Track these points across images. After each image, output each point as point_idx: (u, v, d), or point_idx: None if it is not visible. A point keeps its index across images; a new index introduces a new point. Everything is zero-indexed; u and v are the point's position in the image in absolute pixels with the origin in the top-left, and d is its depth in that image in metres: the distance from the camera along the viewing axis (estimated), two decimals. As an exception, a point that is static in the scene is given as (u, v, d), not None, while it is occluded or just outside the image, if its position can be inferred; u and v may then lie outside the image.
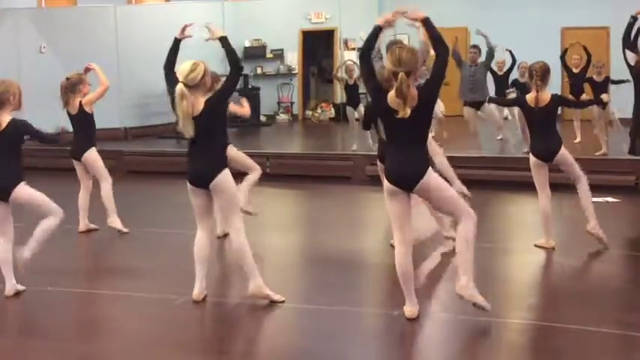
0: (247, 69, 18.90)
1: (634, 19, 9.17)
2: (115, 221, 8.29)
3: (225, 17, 18.91)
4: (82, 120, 8.17)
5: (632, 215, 9.15)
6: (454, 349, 5.19)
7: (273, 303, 5.77)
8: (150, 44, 16.26)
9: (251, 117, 10.66)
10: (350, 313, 5.61)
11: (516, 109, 11.43)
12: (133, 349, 5.16)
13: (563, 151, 7.08)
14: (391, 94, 5.17)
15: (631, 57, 9.53)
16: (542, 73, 7.02)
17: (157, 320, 5.71)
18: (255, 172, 8.15)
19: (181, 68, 5.71)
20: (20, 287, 6.14)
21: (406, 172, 5.20)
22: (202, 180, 5.70)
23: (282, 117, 18.59)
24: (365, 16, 18.14)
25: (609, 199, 9.13)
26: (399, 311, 5.47)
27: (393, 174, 5.24)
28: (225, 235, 7.71)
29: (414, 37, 9.54)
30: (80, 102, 8.12)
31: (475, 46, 12.66)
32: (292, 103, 19.01)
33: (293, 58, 18.97)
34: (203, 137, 5.65)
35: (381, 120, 5.37)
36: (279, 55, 19.01)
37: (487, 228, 7.74)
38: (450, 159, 8.25)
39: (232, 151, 7.66)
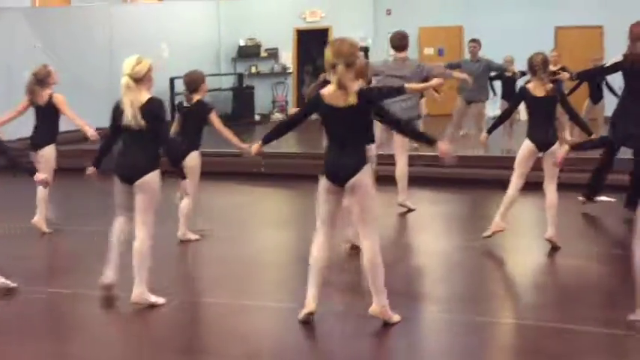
0: (242, 68, 18.91)
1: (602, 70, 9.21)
2: (40, 222, 8.24)
3: (220, 16, 18.93)
4: (49, 113, 8.11)
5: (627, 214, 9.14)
6: (446, 348, 5.19)
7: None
8: (144, 43, 16.24)
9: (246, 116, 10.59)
10: (343, 313, 5.59)
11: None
12: (115, 352, 5.15)
13: (557, 147, 7.11)
14: (327, 89, 5.19)
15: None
16: (543, 64, 7.13)
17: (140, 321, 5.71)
18: (189, 202, 7.63)
19: (126, 61, 5.72)
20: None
21: (343, 166, 5.17)
22: (131, 174, 5.69)
23: (277, 116, 18.57)
24: (359, 15, 18.18)
25: (604, 198, 9.13)
26: (396, 311, 5.47)
27: (330, 168, 5.23)
28: (186, 241, 7.75)
29: (408, 35, 9.57)
30: (51, 95, 8.09)
31: (475, 40, 12.54)
32: (287, 102, 19.00)
33: (287, 57, 18.96)
34: (137, 132, 5.64)
35: (322, 120, 5.33)
36: (273, 54, 18.99)
37: (478, 227, 7.75)
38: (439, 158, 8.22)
39: (193, 162, 7.54)
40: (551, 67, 13.59)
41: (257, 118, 18.39)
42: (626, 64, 8.22)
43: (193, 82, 7.72)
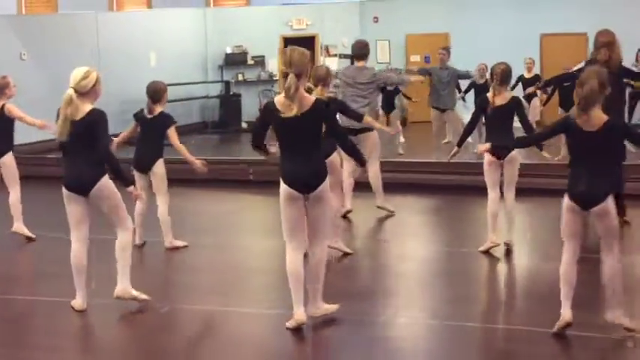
0: (229, 75, 18.92)
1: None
2: (20, 227, 8.25)
3: (207, 24, 18.94)
4: (2, 123, 8.08)
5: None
6: (432, 353, 5.22)
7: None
8: (131, 51, 16.27)
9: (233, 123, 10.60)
10: (335, 320, 5.61)
11: None
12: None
13: (516, 153, 7.15)
14: (280, 97, 5.25)
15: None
16: (502, 75, 7.20)
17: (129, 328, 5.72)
18: (166, 209, 7.70)
19: (74, 74, 5.68)
20: None
21: (303, 174, 5.24)
22: (82, 186, 5.68)
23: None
24: (346, 23, 18.22)
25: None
26: (384, 317, 5.50)
27: (290, 177, 5.29)
28: (144, 244, 7.75)
29: (395, 42, 9.64)
30: (3, 105, 8.06)
31: (445, 48, 12.76)
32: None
33: (274, 65, 18.98)
34: (79, 143, 5.62)
35: (273, 126, 5.37)
36: (260, 61, 19.00)
37: (463, 233, 7.79)
38: (425, 164, 8.28)
39: (160, 169, 7.64)
40: (525, 75, 13.84)
41: (244, 125, 18.38)
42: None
43: (156, 92, 7.71)
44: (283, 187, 5.34)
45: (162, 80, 8.06)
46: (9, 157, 8.18)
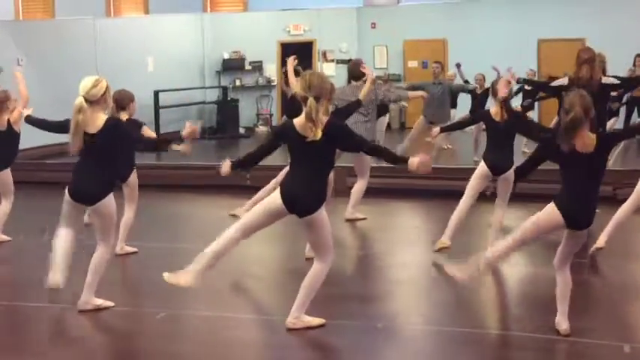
0: (226, 81, 18.92)
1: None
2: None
3: (204, 29, 18.94)
4: (8, 138, 8.09)
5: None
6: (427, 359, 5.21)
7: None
8: (128, 56, 16.26)
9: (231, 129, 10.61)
10: (331, 326, 5.59)
11: None
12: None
13: (511, 172, 7.15)
14: (299, 119, 5.22)
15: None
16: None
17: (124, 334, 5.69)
18: (132, 215, 7.83)
19: (83, 83, 5.70)
20: None
21: (300, 197, 5.23)
22: (86, 199, 5.74)
23: (262, 129, 18.58)
24: (344, 29, 18.24)
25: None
26: (382, 324, 5.49)
27: (287, 194, 5.26)
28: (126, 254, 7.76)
29: (393, 48, 9.63)
30: (9, 120, 8.06)
31: (438, 62, 12.73)
32: (271, 115, 19.01)
33: (272, 70, 18.99)
34: (95, 156, 5.67)
35: (289, 148, 5.38)
36: (257, 67, 19.01)
37: (459, 239, 7.77)
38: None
39: (132, 177, 7.71)
40: (526, 85, 13.82)
41: (242, 131, 18.39)
42: (571, 88, 8.35)
43: (122, 99, 7.68)
44: (272, 198, 5.36)
45: (160, 85, 8.09)
46: (5, 173, 8.18)
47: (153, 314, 5.89)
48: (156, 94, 16.06)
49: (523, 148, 11.42)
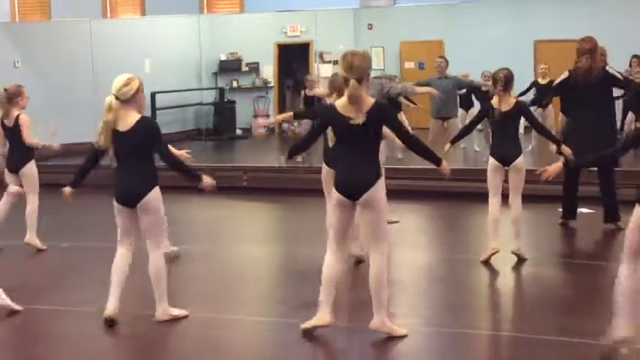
0: (223, 82, 18.91)
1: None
2: (32, 238, 8.20)
3: (201, 30, 18.93)
4: (18, 134, 8.05)
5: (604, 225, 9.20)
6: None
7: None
8: (125, 58, 16.22)
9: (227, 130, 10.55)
10: (331, 328, 5.58)
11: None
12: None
13: (521, 160, 7.16)
14: (341, 101, 5.17)
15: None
16: (505, 81, 7.16)
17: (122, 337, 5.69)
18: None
19: (116, 80, 5.63)
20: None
21: (356, 179, 5.14)
22: (131, 198, 5.63)
23: (259, 130, 18.57)
24: (340, 30, 18.24)
25: (584, 209, 9.19)
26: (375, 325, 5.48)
27: (343, 182, 5.19)
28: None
29: (390, 49, 9.64)
30: (18, 116, 8.01)
31: (442, 57, 12.56)
32: (268, 116, 19.00)
33: (269, 72, 18.99)
34: (131, 154, 5.61)
35: (334, 130, 5.32)
36: (254, 68, 19.00)
37: (460, 240, 7.79)
38: (424, 171, 8.27)
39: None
40: (540, 81, 13.78)
41: (238, 132, 18.38)
42: (571, 80, 8.36)
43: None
44: (334, 192, 5.24)
45: (157, 87, 8.10)
46: (30, 167, 8.13)
47: (149, 316, 5.87)
48: (153, 95, 16.04)
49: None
